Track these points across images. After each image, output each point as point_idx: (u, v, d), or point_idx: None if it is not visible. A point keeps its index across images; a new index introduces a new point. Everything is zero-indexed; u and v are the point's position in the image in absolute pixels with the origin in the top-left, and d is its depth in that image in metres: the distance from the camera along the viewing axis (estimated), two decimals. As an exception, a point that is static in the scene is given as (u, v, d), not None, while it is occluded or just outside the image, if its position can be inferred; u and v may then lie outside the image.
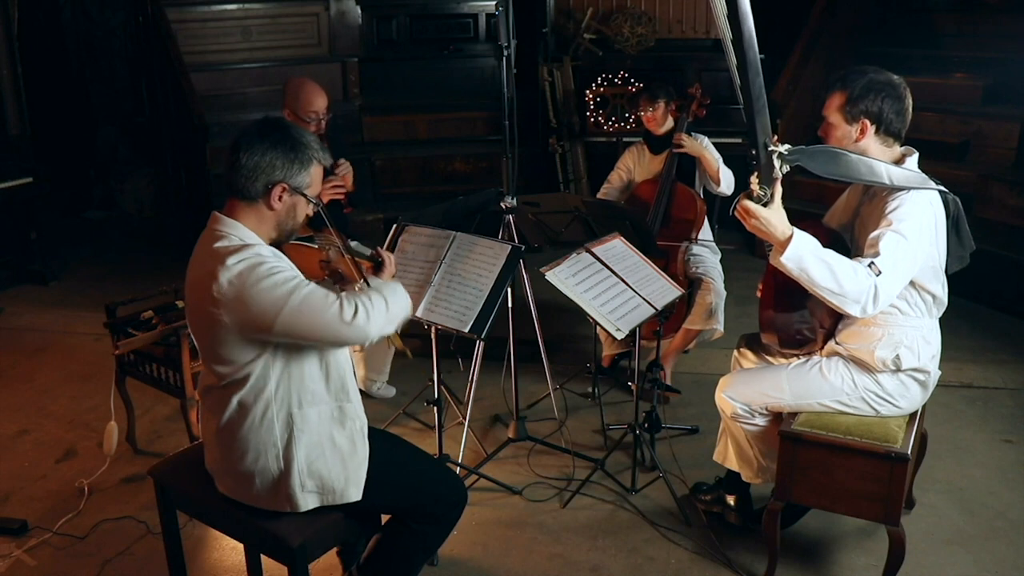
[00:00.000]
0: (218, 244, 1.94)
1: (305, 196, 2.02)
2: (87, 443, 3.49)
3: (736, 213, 2.18)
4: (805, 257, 2.16)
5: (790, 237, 2.15)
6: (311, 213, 2.07)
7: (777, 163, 2.04)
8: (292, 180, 1.98)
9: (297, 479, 2.01)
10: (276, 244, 2.06)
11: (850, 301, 2.20)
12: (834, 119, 2.40)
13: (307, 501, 2.04)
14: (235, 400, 2.00)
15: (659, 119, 3.82)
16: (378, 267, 2.23)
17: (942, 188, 2.37)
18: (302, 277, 1.94)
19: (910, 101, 2.39)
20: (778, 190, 2.13)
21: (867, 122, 2.35)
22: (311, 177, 2.02)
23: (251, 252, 1.92)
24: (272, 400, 1.99)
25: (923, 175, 2.35)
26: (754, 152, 2.01)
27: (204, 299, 1.91)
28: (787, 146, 2.05)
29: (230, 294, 1.87)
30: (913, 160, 2.40)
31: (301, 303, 1.87)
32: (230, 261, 1.89)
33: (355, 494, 2.07)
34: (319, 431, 2.04)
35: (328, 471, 2.04)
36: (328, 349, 2.05)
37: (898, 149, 2.42)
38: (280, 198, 1.98)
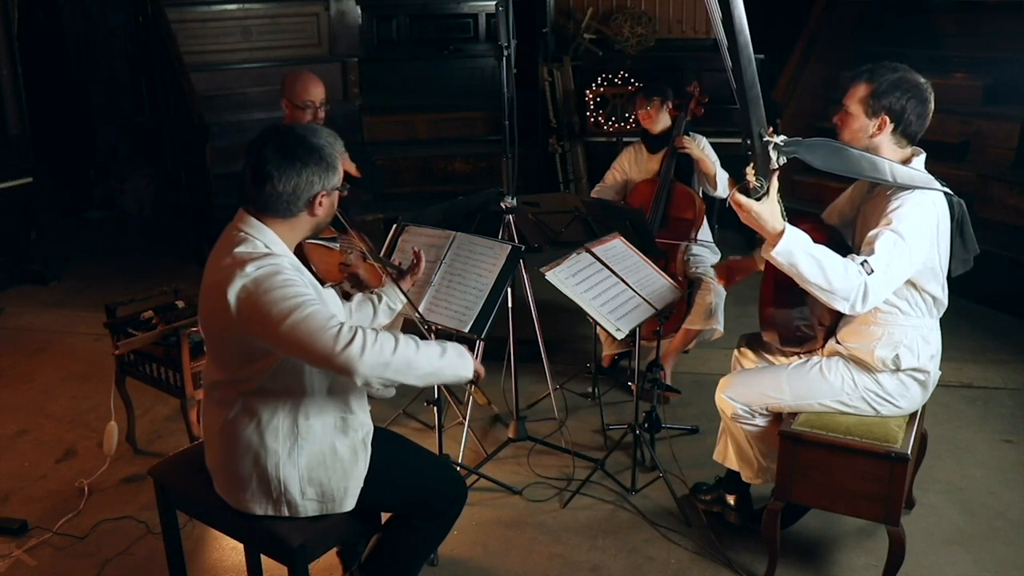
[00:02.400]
0: (240, 248, 1.94)
1: (339, 189, 2.06)
2: (87, 443, 3.49)
3: (730, 204, 2.18)
4: (795, 253, 2.16)
5: (781, 232, 2.15)
6: (344, 194, 2.09)
7: (774, 155, 2.02)
8: (329, 184, 2.01)
9: (298, 487, 2.02)
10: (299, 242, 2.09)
11: (839, 298, 2.20)
12: (854, 110, 2.37)
13: (307, 508, 2.05)
14: (242, 401, 2.01)
15: (654, 117, 3.82)
16: (400, 275, 2.22)
17: (947, 190, 2.36)
18: (315, 295, 1.93)
19: (932, 106, 2.36)
20: (774, 184, 2.11)
21: (887, 119, 2.33)
22: (340, 171, 2.05)
23: (271, 261, 1.92)
24: (279, 407, 2.00)
25: (928, 175, 2.34)
26: (748, 142, 2.00)
27: (219, 301, 1.91)
28: (783, 137, 2.04)
29: (243, 296, 1.88)
30: (920, 160, 2.39)
31: (304, 318, 1.84)
32: (249, 268, 1.89)
33: (351, 504, 2.09)
34: (322, 440, 2.04)
35: (328, 480, 2.05)
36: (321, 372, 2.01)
37: (907, 149, 2.41)
38: (321, 203, 2.01)
